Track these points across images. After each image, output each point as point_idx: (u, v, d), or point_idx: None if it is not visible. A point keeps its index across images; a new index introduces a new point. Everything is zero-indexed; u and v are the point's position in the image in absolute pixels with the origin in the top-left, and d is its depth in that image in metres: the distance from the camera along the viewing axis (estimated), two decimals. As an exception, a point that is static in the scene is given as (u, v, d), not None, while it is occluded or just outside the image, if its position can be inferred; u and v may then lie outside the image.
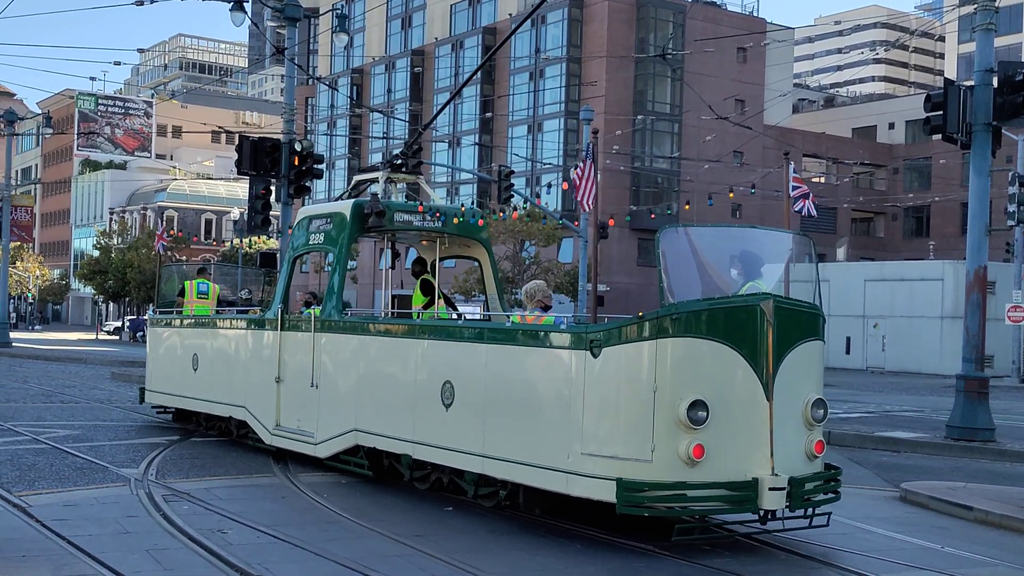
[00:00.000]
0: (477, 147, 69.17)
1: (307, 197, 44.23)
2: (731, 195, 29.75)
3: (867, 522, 9.90)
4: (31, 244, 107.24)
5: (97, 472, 11.36)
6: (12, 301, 75.26)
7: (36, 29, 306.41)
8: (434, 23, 75.29)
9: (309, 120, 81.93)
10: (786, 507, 8.22)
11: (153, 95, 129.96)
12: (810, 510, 8.62)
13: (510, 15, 68.70)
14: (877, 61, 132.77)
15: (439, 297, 12.66)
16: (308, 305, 13.09)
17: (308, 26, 58.54)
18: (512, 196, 39.52)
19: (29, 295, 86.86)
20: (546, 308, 10.22)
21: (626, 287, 61.08)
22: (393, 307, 13.04)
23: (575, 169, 26.71)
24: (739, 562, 8.08)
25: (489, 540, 8.64)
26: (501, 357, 9.38)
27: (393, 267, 13.19)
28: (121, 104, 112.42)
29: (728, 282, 8.89)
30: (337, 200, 13.39)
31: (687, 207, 40.32)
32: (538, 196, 49.25)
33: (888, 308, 49.70)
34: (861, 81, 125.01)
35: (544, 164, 62.23)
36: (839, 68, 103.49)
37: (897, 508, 11.04)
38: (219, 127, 72.84)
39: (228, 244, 74.15)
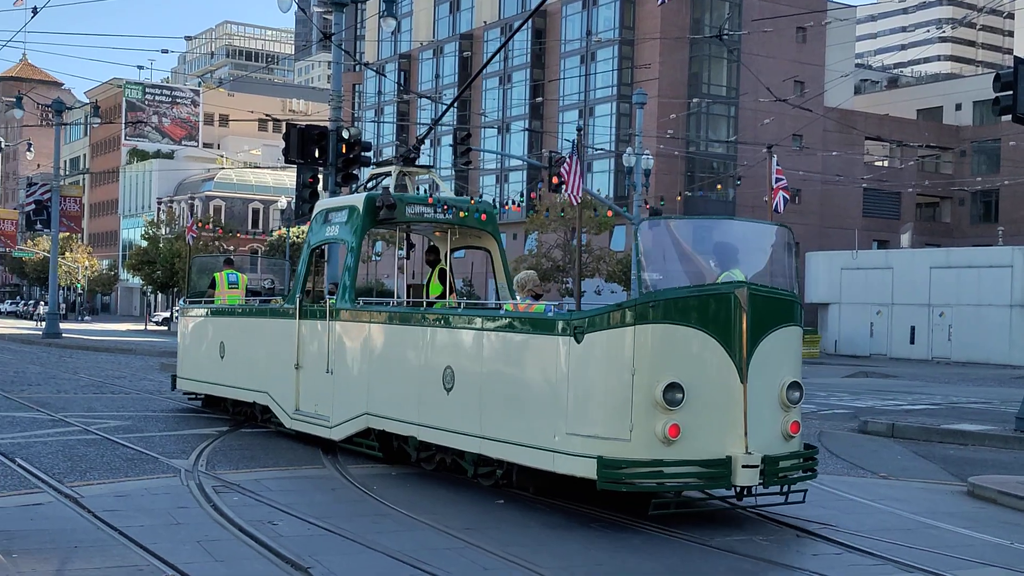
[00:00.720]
0: (527, 133, 67.87)
1: (355, 185, 43.24)
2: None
3: (933, 517, 9.70)
4: (80, 234, 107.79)
5: (147, 463, 11.45)
6: (62, 292, 75.24)
7: (84, 18, 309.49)
8: (483, 6, 74.05)
9: (356, 107, 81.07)
10: (760, 484, 8.70)
11: (200, 83, 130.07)
12: (786, 487, 9.14)
13: (560, -3, 67.33)
14: (943, 40, 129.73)
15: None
16: (332, 294, 13.20)
17: (355, 11, 57.54)
18: (563, 182, 38.40)
19: (78, 286, 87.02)
20: (537, 297, 10.98)
21: (681, 275, 59.57)
22: (408, 296, 13.44)
23: (564, 164, 26.28)
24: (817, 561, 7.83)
25: (542, 533, 8.56)
26: (495, 343, 9.95)
27: (408, 257, 14.12)
28: (168, 93, 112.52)
29: (706, 271, 9.44)
30: (353, 193, 13.89)
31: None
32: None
33: (954, 296, 48.54)
34: (926, 60, 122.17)
35: (596, 150, 60.74)
36: (903, 47, 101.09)
37: (964, 503, 10.80)
38: (266, 115, 72.28)
39: (275, 233, 73.62)
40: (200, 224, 64.12)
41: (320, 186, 23.01)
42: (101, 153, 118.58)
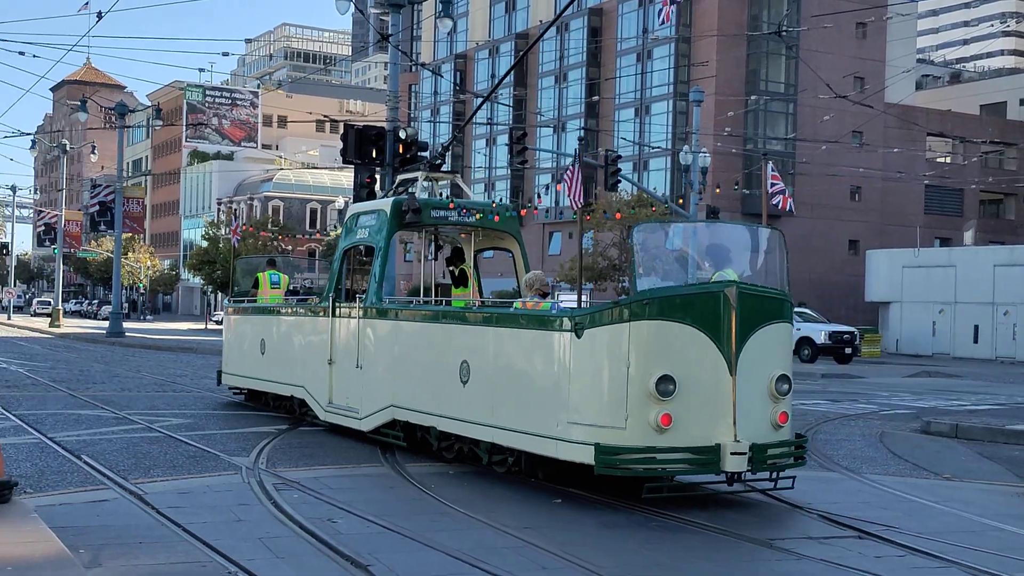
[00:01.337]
0: (583, 131, 67.67)
1: (456, 177, 43.21)
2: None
3: (998, 519, 9.54)
4: (142, 235, 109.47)
5: (209, 460, 11.56)
6: (124, 291, 76.43)
7: (146, 22, 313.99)
8: (538, 6, 73.99)
9: (413, 107, 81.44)
10: (748, 470, 9.27)
11: (259, 85, 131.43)
12: (774, 473, 9.69)
13: (616, -5, 67.03)
14: (1006, 34, 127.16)
15: (476, 284, 14.02)
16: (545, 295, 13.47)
17: (411, 12, 57.79)
18: (619, 181, 38.26)
19: (140, 285, 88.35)
20: (544, 295, 11.45)
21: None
22: (436, 295, 14.34)
23: (567, 171, 27.06)
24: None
25: (600, 533, 8.52)
26: (505, 339, 10.61)
27: (436, 259, 15.02)
28: (228, 95, 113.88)
29: (699, 271, 10.13)
30: (383, 198, 14.71)
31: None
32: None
33: (1019, 294, 47.91)
34: (989, 55, 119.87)
35: (652, 148, 60.44)
36: (965, 42, 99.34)
37: (1030, 504, 10.67)
38: (324, 116, 72.85)
39: (332, 233, 74.19)
40: (245, 227, 64.90)
41: (377, 186, 23.15)
42: (163, 155, 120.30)
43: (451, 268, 14.68)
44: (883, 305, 54.77)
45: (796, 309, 43.85)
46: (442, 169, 15.09)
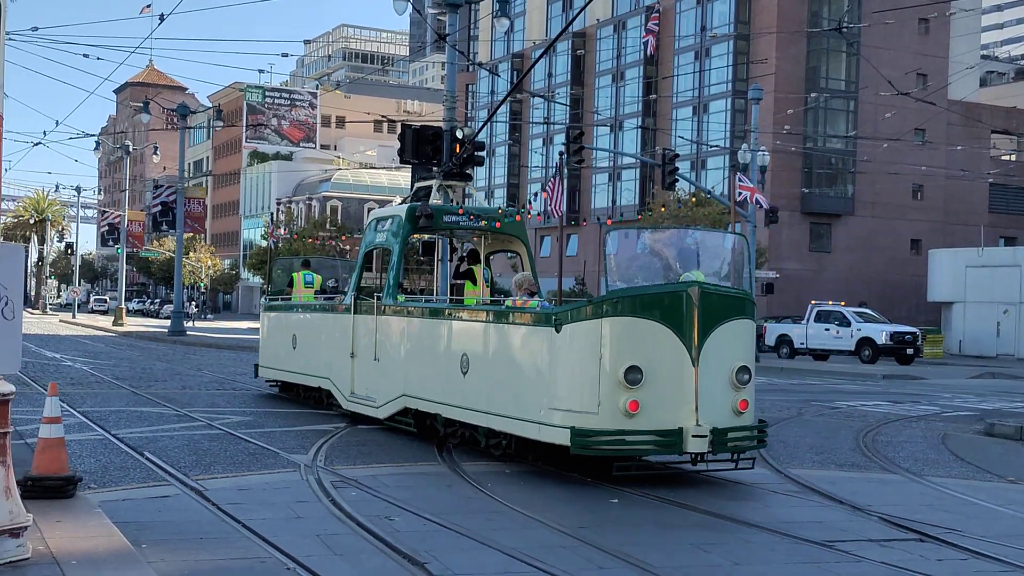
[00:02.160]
0: (640, 130, 67.41)
1: (469, 185, 43.23)
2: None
3: None
4: (203, 235, 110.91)
5: (268, 458, 11.67)
6: (185, 290, 77.47)
7: (206, 24, 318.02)
8: (596, 4, 73.79)
9: (470, 107, 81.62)
10: (709, 451, 10.26)
11: (317, 86, 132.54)
12: (736, 455, 10.73)
13: (673, -7, 66.64)
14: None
15: (488, 284, 15.06)
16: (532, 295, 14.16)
17: (469, 12, 57.96)
18: (676, 180, 38.03)
19: (201, 285, 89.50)
20: (532, 295, 12.61)
21: (797, 273, 58.41)
22: (451, 294, 15.34)
23: (550, 181, 27.82)
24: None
25: (656, 533, 8.50)
26: (498, 333, 11.72)
27: (451, 260, 16.22)
28: (287, 96, 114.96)
29: (665, 273, 10.97)
30: (401, 204, 15.80)
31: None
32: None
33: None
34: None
35: (710, 147, 60.01)
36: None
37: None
38: (381, 116, 73.25)
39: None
40: (284, 234, 65.75)
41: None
42: (223, 155, 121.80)
43: (459, 267, 15.76)
44: (946, 305, 53.86)
45: (857, 309, 43.39)
46: (459, 177, 16.30)
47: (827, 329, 41.31)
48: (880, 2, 56.74)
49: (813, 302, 44.38)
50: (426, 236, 16.43)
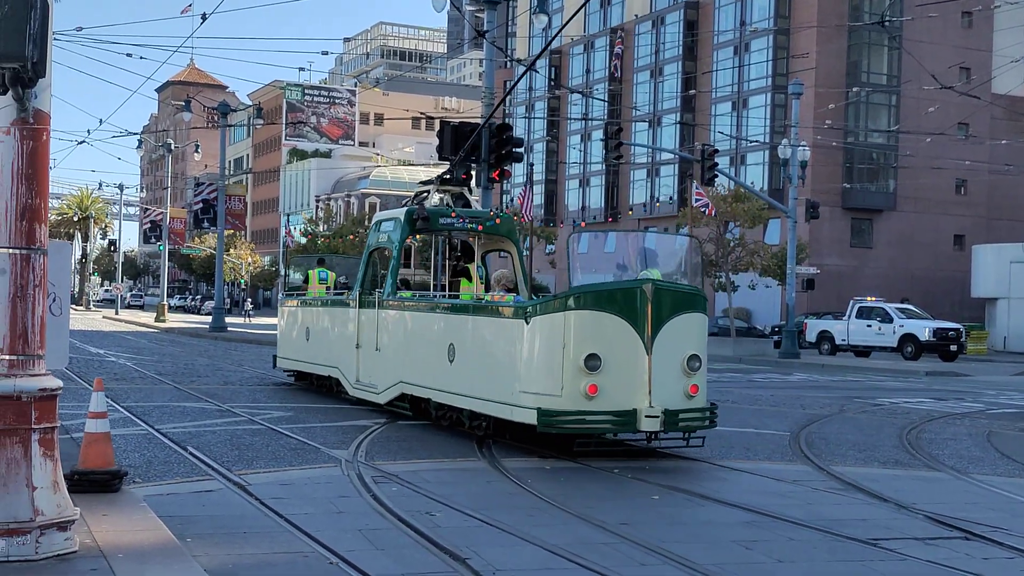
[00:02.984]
0: (679, 126, 67.10)
1: (507, 181, 43.47)
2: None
3: None
4: (243, 232, 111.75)
5: (310, 453, 11.75)
6: (226, 287, 78.08)
7: (247, 23, 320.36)
8: (633, 0, 73.53)
9: (508, 103, 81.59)
10: (661, 431, 11.46)
11: (356, 83, 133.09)
12: (686, 434, 11.90)
13: (713, -12, 66.24)
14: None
15: (483, 281, 16.07)
16: (509, 291, 15.17)
17: (507, 8, 58.08)
18: (716, 176, 37.82)
19: (242, 281, 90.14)
20: (509, 291, 14.29)
21: (838, 270, 57.94)
22: (449, 290, 16.37)
23: (520, 191, 28.62)
24: None
25: (697, 530, 8.48)
26: (479, 325, 13.01)
27: (449, 258, 17.24)
28: (326, 93, 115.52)
29: (624, 271, 12.42)
30: (402, 207, 16.91)
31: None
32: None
33: None
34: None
35: (750, 142, 59.63)
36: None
37: None
38: (420, 113, 73.39)
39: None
40: (297, 247, 66.94)
41: (473, 182, 23.25)
42: (263, 153, 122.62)
43: (456, 266, 16.89)
44: (990, 301, 53.22)
45: (900, 305, 42.97)
46: (456, 183, 17.35)
47: (869, 325, 40.96)
48: (923, -5, 56.07)
49: (855, 298, 44.00)
50: (425, 236, 17.88)
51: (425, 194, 16.80)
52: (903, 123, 57.85)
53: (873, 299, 43.98)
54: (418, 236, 17.68)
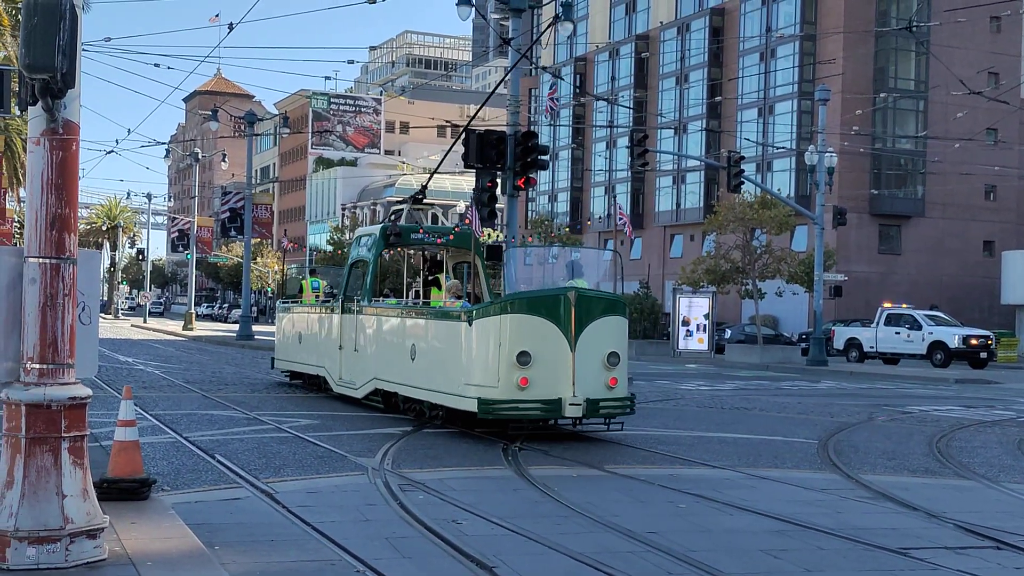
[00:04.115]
0: (704, 133, 66.91)
1: (532, 189, 43.31)
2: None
3: None
4: (270, 240, 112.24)
5: (336, 461, 11.85)
6: (253, 295, 78.46)
7: (273, 33, 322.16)
8: (659, 6, 73.43)
9: (533, 111, 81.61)
10: (582, 417, 13.49)
11: (382, 92, 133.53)
12: (607, 420, 14.04)
13: (738, -6, 66.01)
14: None
15: (448, 290, 17.36)
16: (459, 298, 16.93)
17: (532, 16, 58.05)
18: (742, 182, 37.67)
19: (269, 290, 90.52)
20: (458, 297, 16.34)
21: (866, 276, 57.54)
22: (423, 297, 18.42)
23: (468, 211, 30.46)
24: None
25: (725, 538, 8.42)
26: (433, 327, 15.16)
27: (424, 269, 19.90)
28: (352, 102, 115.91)
29: (553, 280, 14.89)
30: (379, 224, 19.47)
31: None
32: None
33: None
34: None
35: (776, 148, 59.36)
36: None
37: None
38: (445, 121, 73.49)
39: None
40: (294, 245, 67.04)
41: (498, 190, 23.22)
42: (289, 162, 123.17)
43: (428, 276, 19.26)
44: (1020, 308, 52.74)
45: (928, 312, 42.62)
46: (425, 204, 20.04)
47: (897, 332, 40.65)
48: (951, 0, 55.74)
49: (887, 304, 43.65)
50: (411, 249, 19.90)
51: (399, 212, 19.15)
52: (931, 128, 57.45)
53: (905, 306, 43.66)
54: (397, 249, 19.62)
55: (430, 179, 21.70)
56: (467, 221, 23.45)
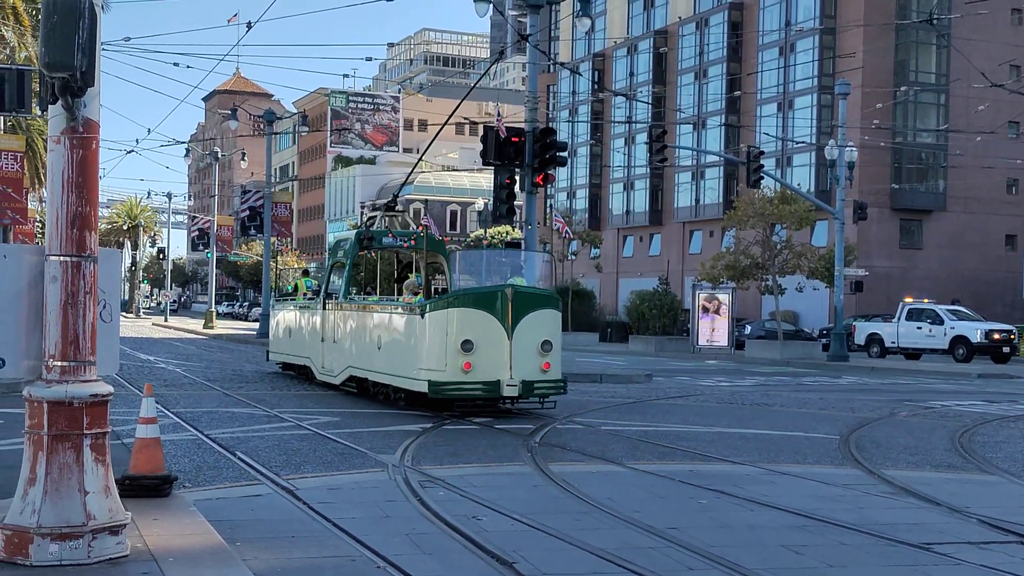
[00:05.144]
0: (724, 128, 66.69)
1: (551, 186, 43.25)
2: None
3: None
4: (289, 239, 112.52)
5: (356, 457, 11.87)
6: (273, 294, 78.57)
7: (291, 31, 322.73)
8: (677, 2, 73.24)
9: (551, 107, 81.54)
10: (519, 396, 15.73)
11: (400, 90, 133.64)
12: (542, 400, 16.38)
13: (757, -11, 65.74)
14: None
15: (422, 286, 19.32)
16: (416, 295, 18.59)
17: (550, 12, 57.97)
18: (762, 178, 37.54)
19: (288, 288, 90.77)
20: (416, 294, 18.19)
21: (887, 271, 57.27)
22: (396, 294, 20.81)
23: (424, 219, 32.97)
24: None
25: (747, 535, 8.33)
26: (394, 320, 17.15)
27: (397, 270, 22.85)
28: (370, 100, 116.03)
29: (494, 278, 16.61)
30: (357, 229, 22.22)
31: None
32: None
33: None
34: None
35: (796, 143, 59.12)
36: None
37: None
38: (463, 118, 73.45)
39: (471, 235, 74.89)
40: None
41: (516, 187, 23.21)
42: (308, 160, 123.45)
43: (401, 275, 21.66)
44: (1044, 302, 52.31)
45: (950, 307, 42.35)
46: (395, 211, 22.29)
47: (919, 327, 40.43)
48: (971, -8, 55.34)
49: (909, 298, 43.40)
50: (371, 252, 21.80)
51: (373, 218, 21.79)
52: (952, 122, 57.11)
53: (927, 300, 43.41)
54: (372, 252, 21.15)
55: (401, 188, 24.77)
56: (419, 227, 24.10)
